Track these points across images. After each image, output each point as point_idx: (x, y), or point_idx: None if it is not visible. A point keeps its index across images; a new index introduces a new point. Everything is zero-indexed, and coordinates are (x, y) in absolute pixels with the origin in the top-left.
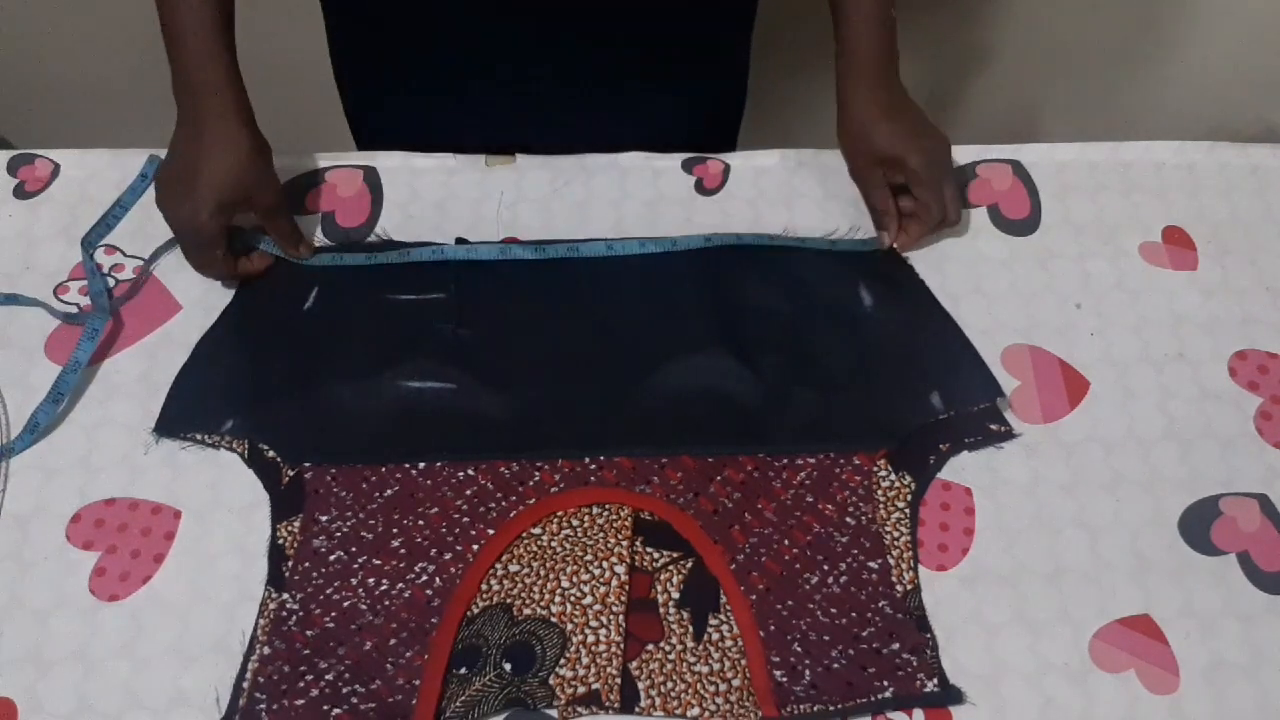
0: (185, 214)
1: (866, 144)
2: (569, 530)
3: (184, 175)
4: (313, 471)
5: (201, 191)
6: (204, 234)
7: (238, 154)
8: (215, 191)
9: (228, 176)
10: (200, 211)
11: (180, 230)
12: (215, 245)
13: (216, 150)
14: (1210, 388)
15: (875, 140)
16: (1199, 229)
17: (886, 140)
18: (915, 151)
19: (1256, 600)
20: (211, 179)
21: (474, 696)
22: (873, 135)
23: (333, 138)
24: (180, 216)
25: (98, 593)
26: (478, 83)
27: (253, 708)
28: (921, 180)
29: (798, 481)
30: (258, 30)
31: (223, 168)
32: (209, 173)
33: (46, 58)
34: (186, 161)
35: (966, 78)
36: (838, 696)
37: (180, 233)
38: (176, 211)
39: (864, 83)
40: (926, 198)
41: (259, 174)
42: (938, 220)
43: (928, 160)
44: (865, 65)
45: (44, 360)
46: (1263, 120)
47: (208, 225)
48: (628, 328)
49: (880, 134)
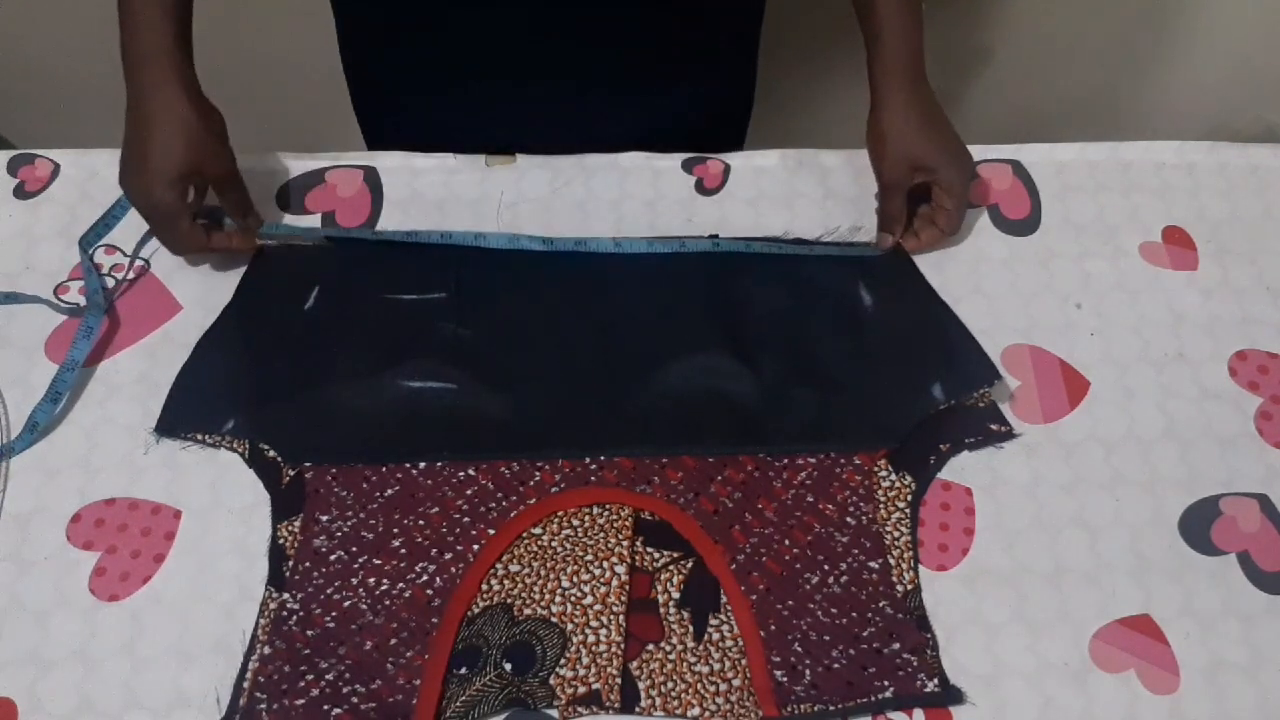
0: (141, 190)
1: (904, 150)
2: (569, 530)
3: (136, 152)
4: (313, 471)
5: (152, 166)
6: (162, 209)
7: (184, 124)
8: (165, 164)
9: (175, 148)
10: (154, 188)
11: (140, 208)
12: (178, 219)
13: (161, 123)
14: (1210, 388)
15: (914, 148)
16: (1199, 229)
17: (923, 149)
18: (951, 164)
19: (1256, 600)
20: (160, 152)
21: (474, 696)
22: (913, 143)
23: (333, 138)
24: (137, 194)
25: (98, 593)
26: (481, 82)
27: (253, 707)
28: (954, 192)
29: (798, 481)
30: (263, 30)
31: (170, 140)
32: (157, 146)
33: (46, 58)
34: (137, 137)
35: (966, 78)
36: (838, 696)
37: (141, 210)
38: (133, 189)
39: (902, 84)
40: (952, 208)
41: (208, 143)
42: (955, 231)
43: (961, 174)
44: (902, 65)
45: (44, 360)
46: (1263, 120)
47: (164, 200)
48: (628, 328)
49: (919, 142)
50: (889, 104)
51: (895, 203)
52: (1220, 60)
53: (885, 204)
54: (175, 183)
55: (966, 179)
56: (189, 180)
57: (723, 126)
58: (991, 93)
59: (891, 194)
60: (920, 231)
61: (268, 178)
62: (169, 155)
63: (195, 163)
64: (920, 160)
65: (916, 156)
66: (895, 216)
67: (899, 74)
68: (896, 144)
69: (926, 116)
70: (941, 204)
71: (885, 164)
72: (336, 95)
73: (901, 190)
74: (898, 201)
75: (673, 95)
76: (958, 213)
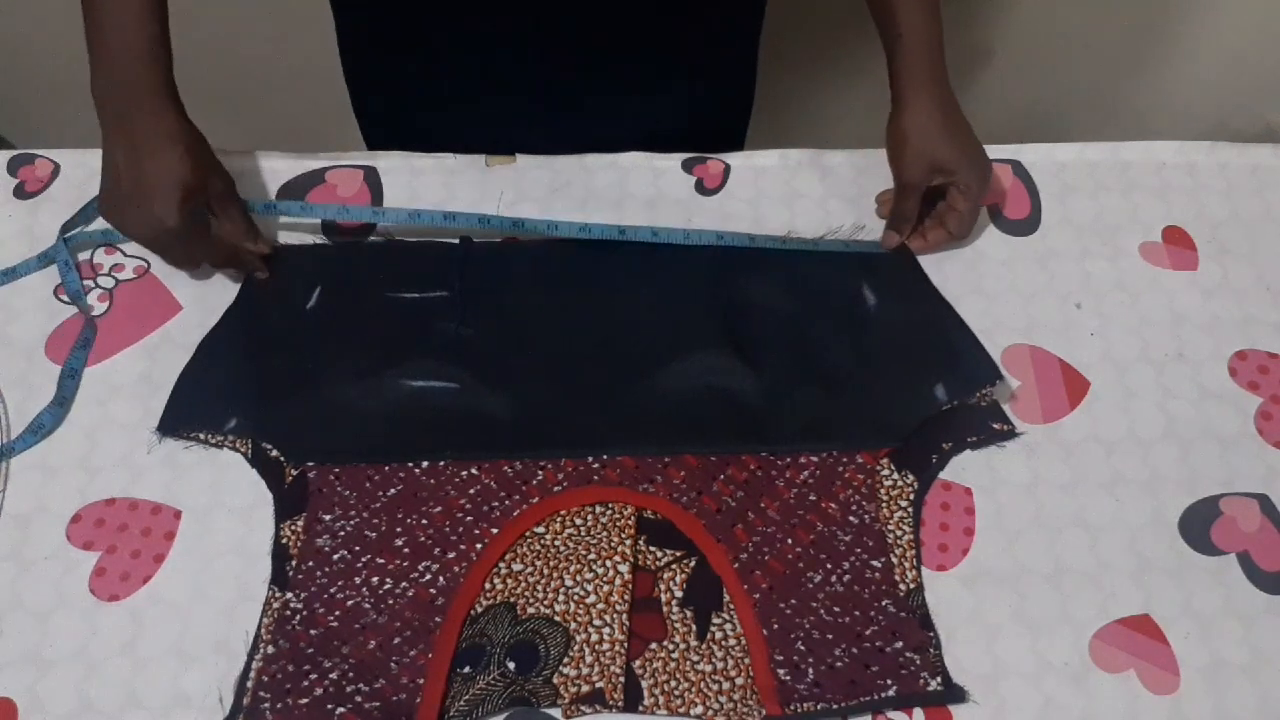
0: (152, 222)
1: (926, 151)
2: (572, 529)
3: (129, 178)
4: (316, 471)
5: (161, 194)
6: (177, 234)
7: (183, 141)
8: (177, 188)
9: (178, 167)
10: (170, 214)
11: (142, 238)
12: (191, 240)
13: (165, 151)
14: (1210, 388)
15: (936, 150)
16: (1199, 229)
17: (945, 151)
18: (971, 167)
19: (1256, 600)
20: (169, 178)
21: (478, 695)
22: (935, 144)
23: (333, 138)
24: (137, 223)
25: (98, 593)
26: (481, 84)
27: (257, 706)
28: (971, 195)
29: (801, 480)
30: (261, 32)
31: (171, 160)
32: (164, 174)
33: (46, 58)
34: (135, 171)
35: (966, 78)
36: (841, 695)
37: (152, 243)
38: (139, 221)
39: (925, 85)
40: (965, 211)
41: (208, 161)
42: (965, 235)
43: (980, 178)
44: (925, 66)
45: (44, 360)
46: (1263, 120)
47: (179, 224)
48: (630, 327)
49: (942, 144)
50: (912, 105)
51: (910, 203)
52: (1220, 60)
53: (899, 203)
54: (184, 203)
55: (984, 183)
56: (196, 199)
57: (723, 126)
58: (991, 93)
59: (907, 194)
60: (928, 232)
61: (268, 177)
62: (172, 174)
63: (201, 179)
64: (941, 162)
65: (938, 158)
66: (907, 217)
67: (922, 75)
68: (919, 145)
69: (949, 119)
70: (955, 206)
71: (905, 164)
72: (336, 95)
73: (918, 191)
74: (912, 201)
75: (673, 95)
76: (970, 216)
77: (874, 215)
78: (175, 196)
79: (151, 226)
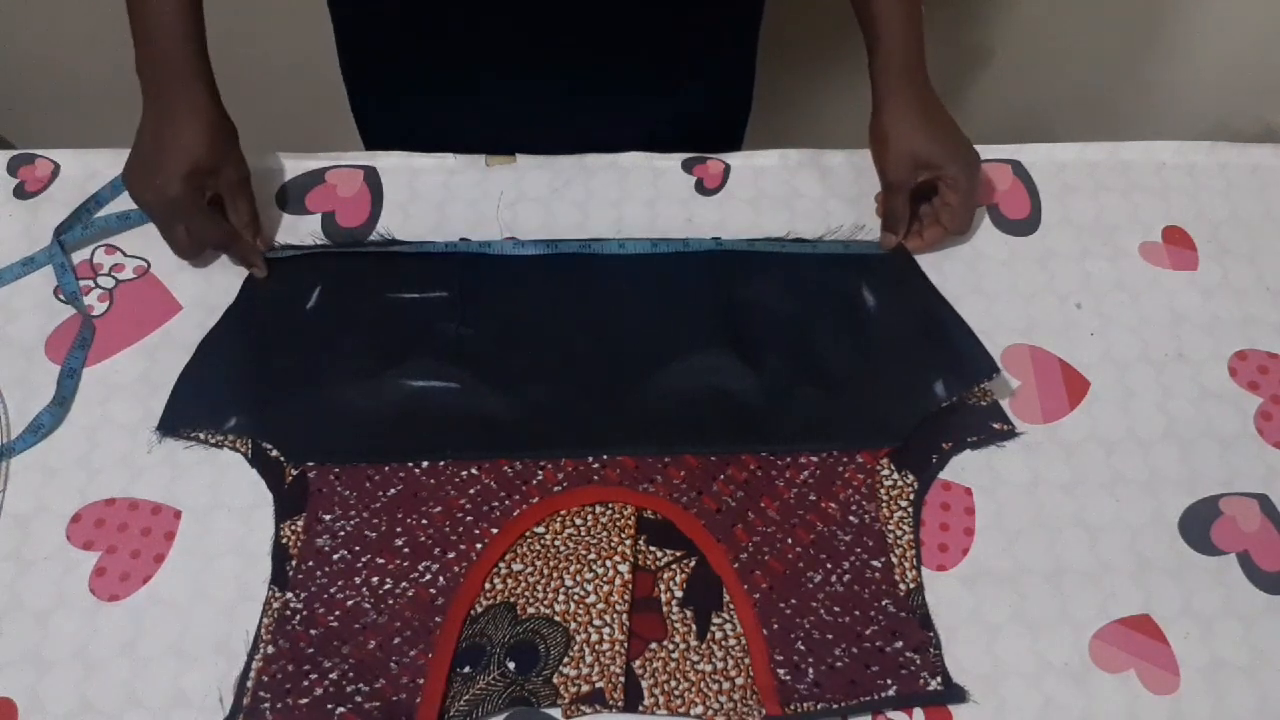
0: (157, 186)
1: (907, 148)
2: (572, 529)
3: (152, 146)
4: (316, 471)
5: (171, 161)
6: (177, 204)
7: (207, 124)
8: (186, 159)
9: (198, 142)
10: (172, 182)
11: (149, 204)
12: (190, 214)
13: (186, 123)
14: (1210, 388)
15: (917, 145)
16: (1199, 229)
17: (926, 146)
18: (956, 160)
19: (1256, 600)
20: (181, 148)
21: (478, 695)
22: (915, 140)
23: (333, 138)
24: (151, 189)
25: (98, 593)
26: (480, 84)
27: (257, 706)
28: (960, 187)
29: (801, 480)
30: (263, 30)
31: (194, 135)
32: (179, 143)
33: (46, 58)
34: (156, 140)
35: (966, 78)
36: (841, 695)
37: (153, 208)
38: (147, 187)
39: (901, 84)
40: (958, 204)
41: (229, 148)
42: (963, 229)
43: (966, 168)
44: (902, 66)
45: (44, 360)
46: (1263, 120)
47: (181, 194)
48: (630, 327)
49: (921, 139)
50: (889, 103)
51: (898, 201)
52: (1220, 60)
53: (888, 203)
54: (191, 175)
55: (973, 173)
56: (206, 176)
57: (723, 126)
58: (991, 93)
59: (895, 192)
60: (925, 231)
61: (268, 177)
62: (185, 145)
63: (216, 160)
64: (923, 157)
65: (919, 154)
66: (898, 215)
67: (898, 74)
68: (899, 142)
69: (927, 114)
70: (947, 200)
71: (888, 163)
72: (336, 95)
73: (905, 189)
74: (901, 200)
75: (672, 95)
76: (964, 209)
77: (873, 215)
78: (183, 167)
79: (154, 192)
